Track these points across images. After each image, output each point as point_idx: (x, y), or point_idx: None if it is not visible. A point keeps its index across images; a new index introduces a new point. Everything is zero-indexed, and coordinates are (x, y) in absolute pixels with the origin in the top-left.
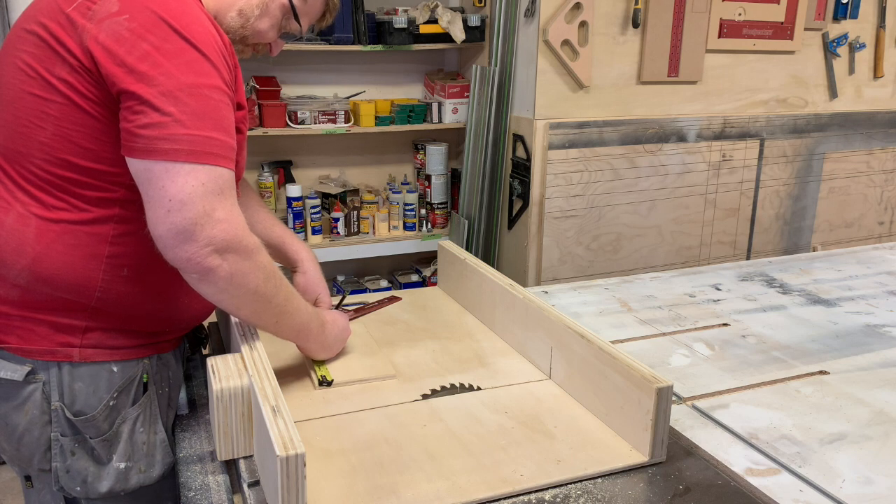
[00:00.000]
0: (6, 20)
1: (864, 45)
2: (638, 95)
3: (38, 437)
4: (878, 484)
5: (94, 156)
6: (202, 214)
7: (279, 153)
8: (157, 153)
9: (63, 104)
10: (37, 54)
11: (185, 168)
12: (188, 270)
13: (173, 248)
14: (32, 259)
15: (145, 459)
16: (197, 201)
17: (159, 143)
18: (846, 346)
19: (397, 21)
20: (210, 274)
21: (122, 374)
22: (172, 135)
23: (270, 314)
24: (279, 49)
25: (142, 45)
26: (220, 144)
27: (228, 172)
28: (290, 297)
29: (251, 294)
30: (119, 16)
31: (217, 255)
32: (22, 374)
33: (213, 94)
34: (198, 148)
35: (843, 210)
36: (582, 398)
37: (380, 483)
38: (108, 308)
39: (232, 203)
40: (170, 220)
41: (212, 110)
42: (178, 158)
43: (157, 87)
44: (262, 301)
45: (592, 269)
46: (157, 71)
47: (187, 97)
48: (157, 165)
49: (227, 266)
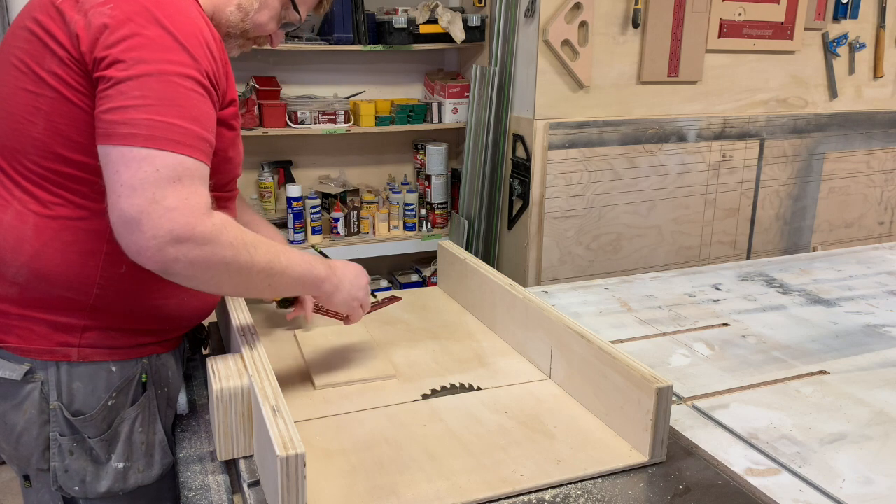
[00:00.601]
0: (6, 20)
1: (864, 45)
2: (638, 95)
3: (36, 436)
4: (878, 484)
5: (85, 149)
6: (150, 202)
7: (279, 153)
8: (116, 137)
9: (53, 98)
10: (29, 49)
11: (141, 153)
12: (145, 263)
13: (124, 238)
14: (31, 256)
15: (144, 459)
16: (147, 187)
17: (118, 127)
18: (846, 346)
19: (397, 21)
20: (169, 267)
21: (120, 374)
22: (132, 119)
23: (258, 282)
24: (280, 40)
25: (119, 32)
26: (184, 132)
27: (193, 161)
28: (276, 256)
29: (225, 274)
30: (104, 5)
31: (169, 246)
32: (20, 373)
33: (184, 83)
34: (157, 133)
35: (843, 210)
36: (582, 398)
37: (380, 483)
38: (106, 306)
39: (191, 191)
40: (119, 207)
41: (179, 97)
42: (135, 143)
43: (125, 71)
44: (241, 274)
45: (592, 269)
46: (129, 56)
47: (154, 82)
48: (114, 150)
49: (185, 257)
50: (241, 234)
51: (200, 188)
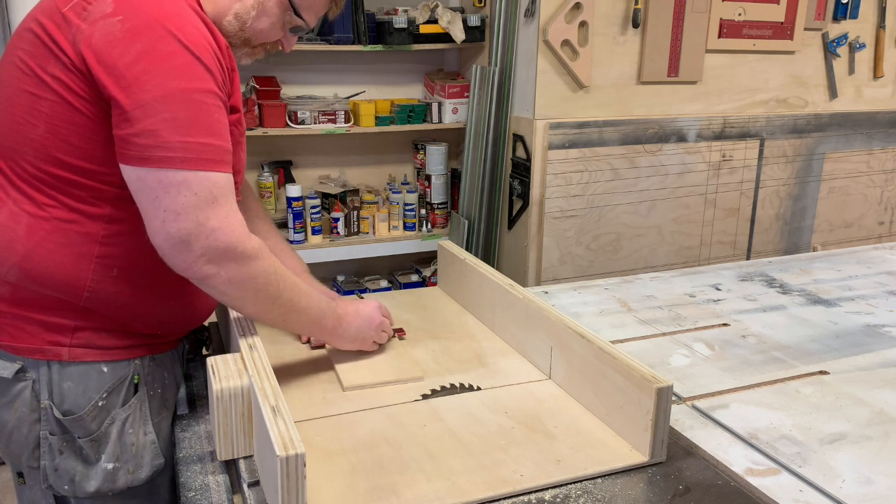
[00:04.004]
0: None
1: (864, 45)
2: (638, 95)
3: (26, 434)
4: (878, 484)
5: (84, 154)
6: (196, 225)
7: (279, 153)
8: (151, 161)
9: (55, 102)
10: (32, 52)
11: (179, 177)
12: (188, 276)
13: (171, 257)
14: (22, 256)
15: (134, 461)
16: (191, 212)
17: (153, 151)
18: (846, 346)
19: (397, 21)
20: (208, 280)
21: (112, 375)
22: (165, 142)
23: (276, 314)
24: (291, 45)
25: (134, 48)
26: (215, 149)
27: (223, 177)
28: (298, 296)
29: (252, 297)
30: (113, 17)
31: (212, 263)
32: (11, 371)
33: (207, 99)
34: (191, 155)
35: (843, 210)
36: (582, 398)
37: (380, 483)
38: (97, 308)
39: (227, 210)
40: (166, 231)
41: (204, 115)
42: (172, 166)
43: (148, 92)
44: (265, 303)
45: (592, 269)
46: (148, 76)
47: (179, 103)
48: (150, 174)
49: (224, 273)
50: (275, 265)
51: (233, 203)
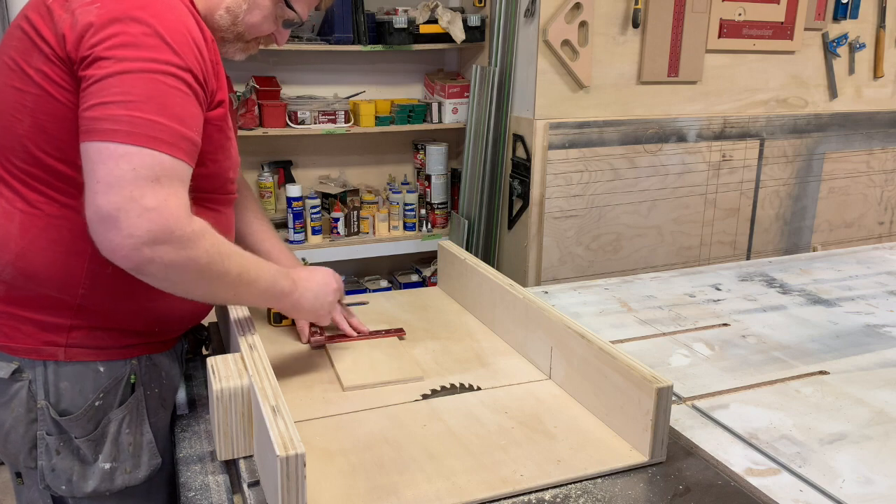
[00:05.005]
0: (6, 20)
1: (864, 45)
2: (638, 95)
3: (23, 434)
4: (878, 484)
5: (69, 147)
6: (127, 199)
7: (279, 153)
8: (96, 133)
9: (38, 95)
10: (19, 47)
11: (119, 149)
12: (118, 262)
13: (99, 235)
14: (16, 254)
15: (131, 460)
16: (125, 185)
17: (98, 123)
18: (846, 346)
19: (397, 21)
20: (143, 268)
21: (108, 375)
22: (112, 115)
23: (225, 292)
24: (284, 39)
25: (105, 31)
26: (165, 129)
27: (172, 160)
28: (246, 269)
29: (195, 281)
30: (92, 4)
31: (146, 247)
32: (8, 371)
33: (168, 80)
34: (136, 129)
35: (843, 210)
36: (582, 398)
37: (380, 483)
38: (93, 306)
39: (170, 192)
40: (95, 203)
41: (161, 95)
42: (114, 139)
43: (108, 68)
44: (211, 283)
45: (592, 269)
46: (112, 53)
47: (137, 79)
48: (92, 146)
49: (160, 259)
50: (218, 243)
51: (180, 189)
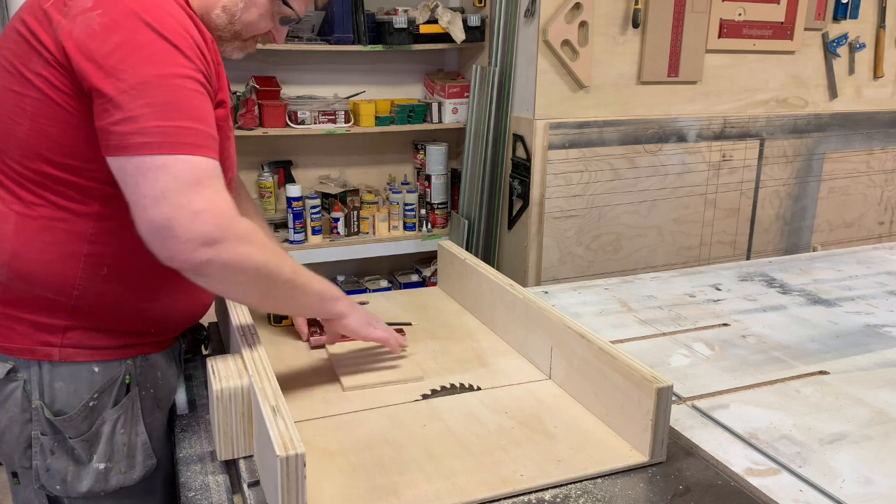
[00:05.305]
0: (6, 20)
1: (864, 45)
2: (638, 95)
3: (18, 434)
4: (878, 484)
5: (68, 150)
6: (176, 207)
7: (279, 153)
8: (129, 149)
9: (38, 99)
10: (16, 50)
11: (157, 161)
12: (180, 268)
13: (156, 246)
14: (11, 255)
15: (126, 461)
16: (170, 195)
17: (130, 138)
18: (846, 346)
19: (397, 21)
20: (203, 268)
21: (103, 375)
22: (143, 128)
23: (283, 293)
24: (282, 37)
25: (112, 39)
26: (194, 133)
27: (206, 161)
28: (299, 270)
29: (254, 277)
30: (92, 11)
31: (204, 248)
32: (3, 371)
33: (186, 84)
34: (169, 139)
35: (843, 210)
36: (582, 398)
37: (380, 483)
38: (87, 307)
39: (214, 191)
40: (147, 218)
41: (182, 99)
42: (150, 151)
43: (125, 81)
44: (268, 282)
45: (592, 269)
46: (126, 65)
47: (155, 89)
48: (129, 162)
49: (219, 258)
50: (269, 242)
51: (220, 187)
